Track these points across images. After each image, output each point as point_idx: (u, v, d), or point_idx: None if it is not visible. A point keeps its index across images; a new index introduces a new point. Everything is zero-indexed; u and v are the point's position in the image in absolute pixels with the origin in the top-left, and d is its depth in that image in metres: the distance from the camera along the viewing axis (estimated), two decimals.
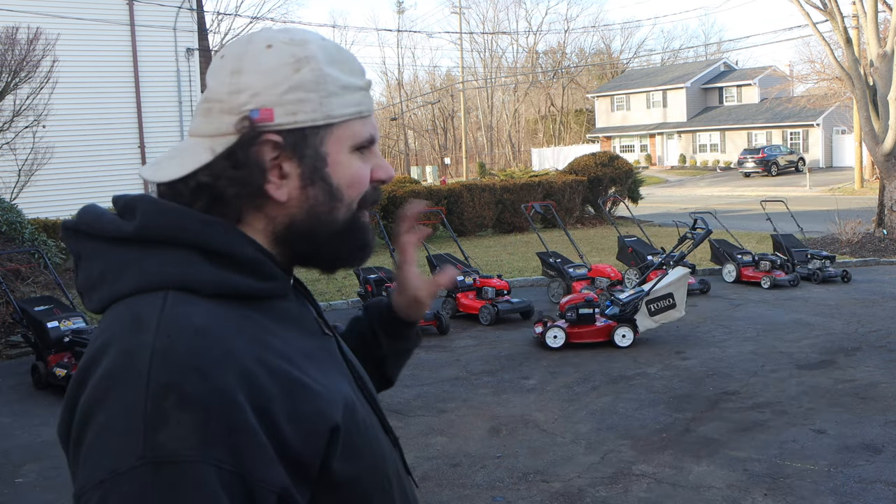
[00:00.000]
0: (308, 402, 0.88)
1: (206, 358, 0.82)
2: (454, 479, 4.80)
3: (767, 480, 4.65)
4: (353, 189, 1.00)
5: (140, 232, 0.91)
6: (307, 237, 0.98)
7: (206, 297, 0.90)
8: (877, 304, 9.83)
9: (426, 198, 17.24)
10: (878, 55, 15.56)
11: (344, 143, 0.98)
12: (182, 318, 0.85)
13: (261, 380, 0.85)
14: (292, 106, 0.94)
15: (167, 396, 0.79)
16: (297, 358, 0.92)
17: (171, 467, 0.78)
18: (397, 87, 65.69)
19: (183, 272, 0.90)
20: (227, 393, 0.81)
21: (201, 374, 0.81)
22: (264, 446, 0.82)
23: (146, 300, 0.88)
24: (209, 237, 0.92)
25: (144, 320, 0.85)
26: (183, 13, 17.05)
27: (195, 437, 0.79)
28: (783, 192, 29.47)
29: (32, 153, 12.40)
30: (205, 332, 0.85)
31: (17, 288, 9.27)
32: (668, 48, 69.09)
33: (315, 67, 0.96)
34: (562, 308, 8.05)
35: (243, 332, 0.89)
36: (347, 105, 0.98)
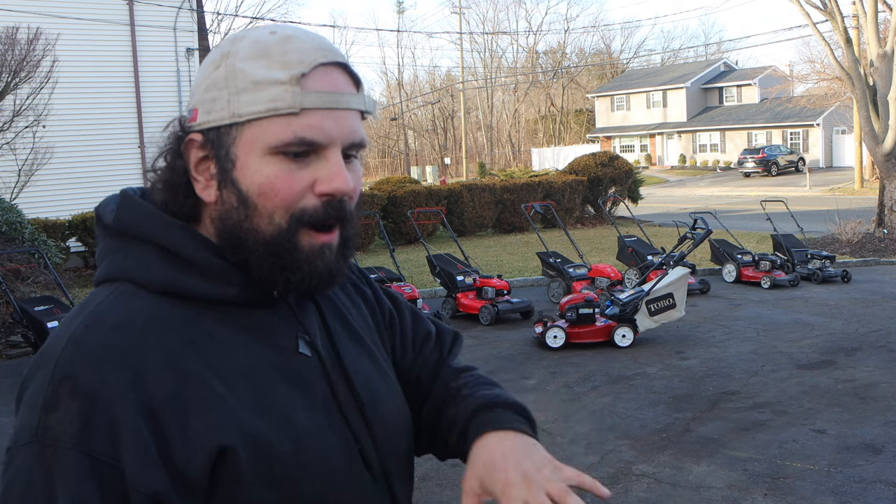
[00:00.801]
0: (205, 415, 0.86)
1: (107, 352, 0.85)
2: (454, 480, 4.80)
3: (767, 480, 4.65)
4: (265, 199, 0.91)
5: (114, 225, 0.96)
6: (236, 245, 0.93)
7: (155, 293, 0.91)
8: (877, 304, 9.83)
9: (426, 198, 17.24)
10: (878, 55, 15.56)
11: (255, 144, 0.90)
12: (107, 311, 0.89)
13: (163, 382, 0.85)
14: (208, 104, 0.93)
15: (64, 383, 0.83)
16: (227, 370, 0.90)
17: (51, 450, 0.82)
18: (397, 87, 65.74)
19: (135, 267, 0.93)
20: (116, 388, 0.83)
21: (97, 367, 0.83)
22: (145, 446, 0.82)
23: (103, 289, 0.93)
24: (165, 237, 0.93)
25: (84, 308, 0.91)
26: (183, 13, 17.04)
27: (76, 425, 0.82)
28: (783, 192, 29.48)
29: (32, 153, 12.40)
30: (121, 327, 0.87)
31: (17, 288, 9.28)
32: (668, 48, 69.17)
33: (230, 63, 0.92)
34: (562, 308, 8.05)
35: (173, 332, 0.89)
36: (258, 102, 0.90)
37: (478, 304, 9.35)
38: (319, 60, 0.92)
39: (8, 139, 11.81)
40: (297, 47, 0.91)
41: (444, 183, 23.53)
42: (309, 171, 0.91)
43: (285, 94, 0.89)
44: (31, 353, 7.67)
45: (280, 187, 0.91)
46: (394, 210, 16.66)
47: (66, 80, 13.36)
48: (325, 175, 0.92)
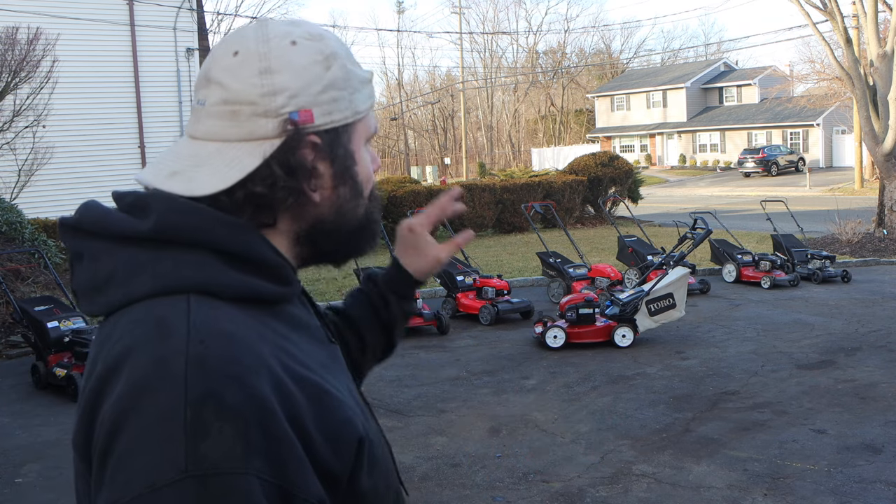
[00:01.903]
0: (335, 412, 0.86)
1: (241, 365, 0.79)
2: (454, 479, 4.80)
3: (767, 480, 4.65)
4: (369, 183, 1.01)
5: (156, 231, 0.86)
6: (331, 235, 0.97)
7: (226, 301, 0.86)
8: (877, 304, 9.83)
9: (426, 198, 17.24)
10: (878, 55, 15.56)
11: (362, 137, 0.99)
12: (213, 323, 0.81)
13: (290, 388, 0.82)
14: (328, 105, 0.93)
15: (206, 405, 0.75)
16: (315, 366, 0.89)
17: (216, 480, 0.74)
18: (397, 87, 65.73)
19: (204, 274, 0.86)
20: (264, 401, 0.78)
21: (239, 382, 0.77)
22: (302, 457, 0.80)
23: (167, 304, 0.83)
24: (229, 239, 0.88)
25: (172, 325, 0.81)
26: (183, 13, 17.04)
27: (237, 448, 0.75)
28: (783, 192, 29.48)
29: (32, 153, 12.40)
30: (237, 338, 0.81)
31: (17, 288, 9.27)
32: (668, 48, 69.17)
33: (342, 64, 0.95)
34: (562, 308, 8.05)
35: (266, 338, 0.85)
36: (366, 99, 0.98)
37: (478, 304, 9.35)
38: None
39: (8, 139, 11.81)
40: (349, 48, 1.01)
41: (444, 183, 23.54)
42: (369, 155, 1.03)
43: (373, 90, 1.01)
44: (31, 353, 7.66)
45: (371, 172, 1.02)
46: (394, 210, 16.66)
47: (66, 80, 13.35)
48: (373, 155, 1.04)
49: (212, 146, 0.91)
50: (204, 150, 0.91)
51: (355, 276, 9.94)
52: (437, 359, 7.71)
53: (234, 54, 0.92)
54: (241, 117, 0.90)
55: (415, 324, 8.69)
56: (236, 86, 0.90)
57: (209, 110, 0.92)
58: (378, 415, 6.06)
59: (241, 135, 0.90)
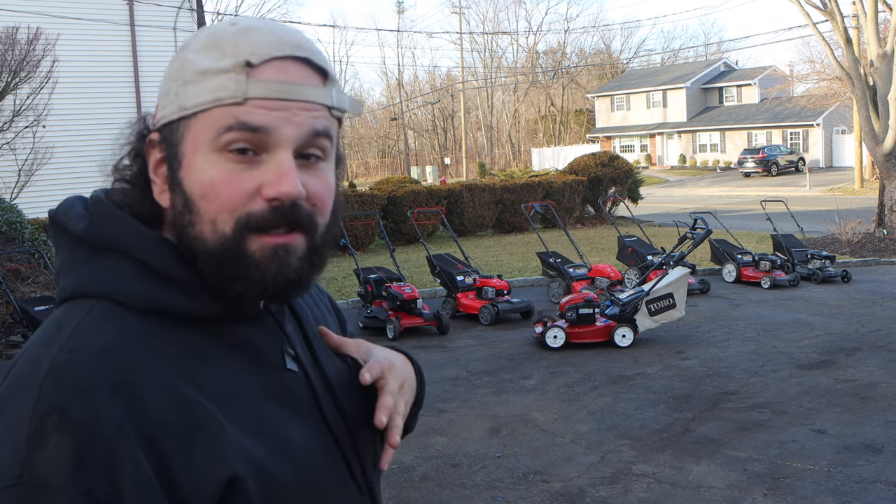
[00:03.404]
0: (210, 444, 0.80)
1: (96, 380, 0.76)
2: (454, 479, 4.80)
3: (767, 480, 4.65)
4: (207, 202, 0.83)
5: (84, 235, 0.87)
6: (191, 255, 0.86)
7: (136, 311, 0.83)
8: (877, 304, 9.83)
9: (426, 198, 17.24)
10: (878, 55, 15.56)
11: (200, 140, 0.83)
12: (91, 333, 0.80)
13: (160, 410, 0.78)
14: (162, 100, 0.87)
15: (50, 417, 0.74)
16: (221, 394, 0.84)
17: (41, 492, 0.73)
18: (397, 87, 65.74)
19: (114, 282, 0.84)
20: (111, 420, 0.75)
21: (89, 398, 0.75)
22: (147, 481, 0.76)
23: (76, 307, 0.84)
24: (143, 251, 0.85)
25: (60, 330, 0.81)
26: (183, 13, 17.05)
27: (69, 463, 0.73)
28: (783, 192, 29.48)
29: (32, 153, 12.40)
30: (109, 352, 0.78)
31: (17, 288, 9.28)
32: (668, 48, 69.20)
33: (181, 55, 0.86)
34: (562, 308, 8.05)
35: (164, 354, 0.81)
36: (202, 92, 0.83)
37: (478, 304, 9.35)
38: (273, 54, 0.83)
39: (8, 139, 11.81)
40: (253, 39, 0.84)
41: (444, 183, 23.53)
42: (257, 172, 0.83)
43: (229, 82, 0.82)
44: None
45: (222, 189, 0.82)
46: (394, 210, 16.66)
47: (66, 80, 13.36)
48: (272, 177, 0.83)
49: None
50: None
51: (356, 276, 9.94)
52: (437, 359, 7.71)
53: None
54: None
55: (415, 324, 8.69)
56: None
57: None
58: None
59: None
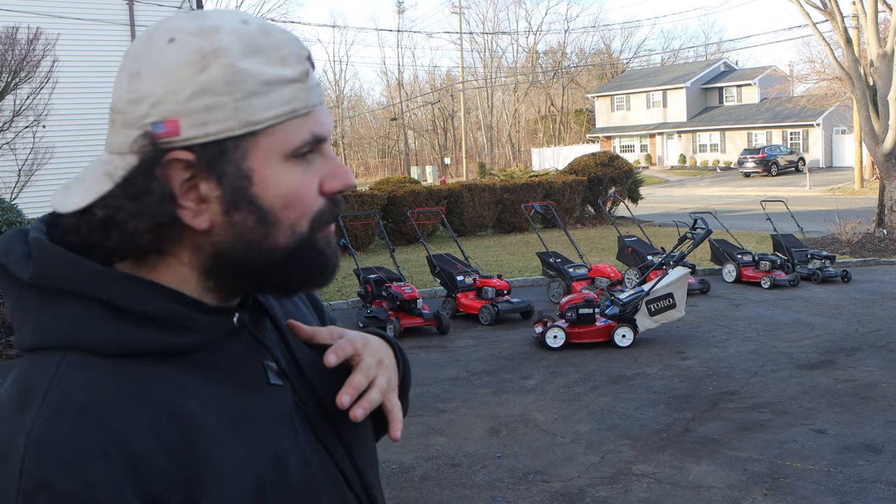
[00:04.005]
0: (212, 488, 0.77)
1: (81, 448, 0.71)
2: (454, 479, 4.80)
3: (767, 480, 4.65)
4: (292, 209, 0.82)
5: (34, 280, 0.78)
6: (239, 270, 0.83)
7: (105, 357, 0.77)
8: (877, 304, 9.83)
9: (426, 198, 17.24)
10: (878, 55, 15.56)
11: (274, 153, 0.81)
12: (65, 394, 0.74)
13: (156, 464, 0.73)
14: (200, 115, 0.77)
15: (38, 495, 0.69)
16: (211, 425, 0.79)
17: None
18: (397, 87, 65.75)
19: (78, 329, 0.77)
20: (105, 488, 0.70)
21: (75, 468, 0.70)
22: None
23: (41, 363, 0.77)
24: (107, 291, 0.78)
25: (31, 393, 0.75)
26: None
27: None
28: (783, 192, 29.48)
29: (32, 153, 12.39)
30: (88, 412, 0.73)
31: None
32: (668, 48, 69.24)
33: (226, 63, 0.78)
34: (562, 308, 8.05)
35: (146, 399, 0.76)
36: (274, 105, 0.80)
37: (478, 304, 9.35)
38: (304, 53, 0.84)
39: (8, 139, 11.81)
40: (282, 39, 0.82)
41: (444, 183, 23.54)
42: (313, 170, 0.84)
43: (299, 93, 0.81)
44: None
45: (304, 194, 0.83)
46: (394, 210, 16.66)
47: (66, 80, 13.35)
48: (331, 171, 0.85)
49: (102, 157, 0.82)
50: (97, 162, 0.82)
51: (356, 276, 9.94)
52: (437, 359, 7.71)
53: (125, 55, 0.82)
54: (115, 126, 0.80)
55: (415, 324, 8.69)
56: (115, 91, 0.81)
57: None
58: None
59: (117, 145, 0.80)
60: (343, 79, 68.40)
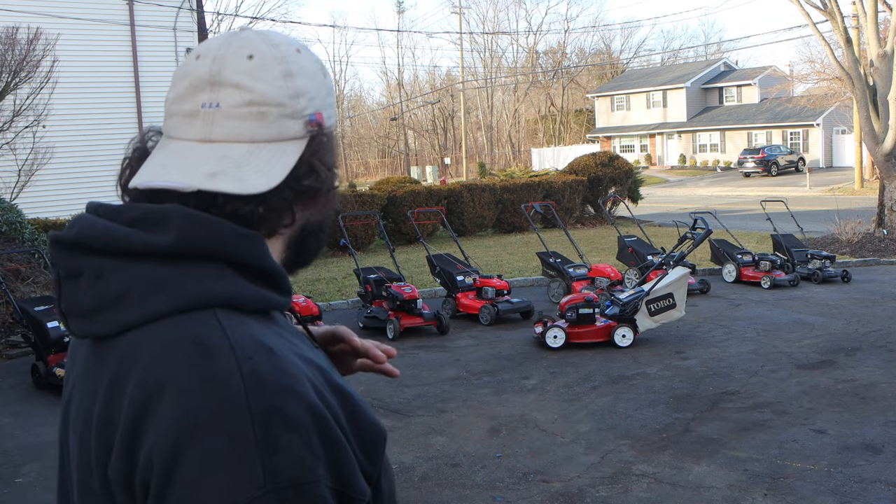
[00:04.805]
0: (363, 415, 0.88)
1: (291, 376, 0.80)
2: (454, 479, 4.80)
3: (767, 480, 4.65)
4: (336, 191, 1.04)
5: (178, 246, 0.83)
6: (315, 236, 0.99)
7: (248, 314, 0.85)
8: (877, 304, 9.83)
9: (426, 198, 17.24)
10: (878, 55, 15.56)
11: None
12: (252, 338, 0.81)
13: (326, 394, 0.83)
14: (330, 109, 0.97)
15: (272, 420, 0.76)
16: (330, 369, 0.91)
17: (292, 491, 0.76)
18: (397, 87, 65.71)
19: (226, 288, 0.84)
20: (319, 408, 0.80)
21: (294, 393, 0.79)
22: (353, 459, 0.82)
23: (196, 321, 0.81)
24: (246, 251, 0.86)
25: (211, 343, 0.79)
26: (183, 13, 17.05)
27: (307, 458, 0.77)
28: (783, 192, 29.48)
29: (32, 153, 12.39)
30: (276, 351, 0.82)
31: (17, 288, 9.27)
32: (668, 48, 69.19)
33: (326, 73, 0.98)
34: (562, 308, 8.05)
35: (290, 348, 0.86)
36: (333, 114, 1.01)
37: (478, 304, 9.35)
38: None
39: (8, 139, 11.81)
40: None
41: (444, 183, 23.53)
42: None
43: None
44: (31, 353, 7.66)
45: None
46: (394, 210, 16.66)
47: (66, 80, 13.36)
48: None
49: (241, 147, 0.88)
50: (233, 152, 0.88)
51: (356, 276, 9.94)
52: (437, 359, 7.71)
53: (248, 58, 0.89)
54: (269, 118, 0.89)
55: (415, 324, 8.69)
56: (261, 88, 0.89)
57: (229, 112, 0.88)
58: (378, 415, 6.04)
59: (270, 135, 0.89)
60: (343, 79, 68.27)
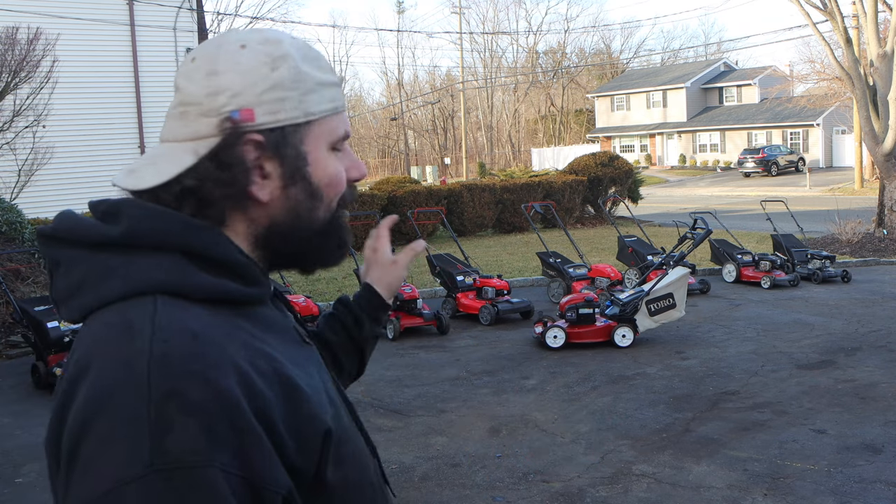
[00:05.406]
0: (303, 407, 0.88)
1: (205, 361, 0.81)
2: (454, 479, 4.80)
3: (767, 480, 4.65)
4: (332, 189, 1.00)
5: (126, 236, 0.89)
6: (288, 238, 0.98)
7: (195, 301, 0.88)
8: (877, 304, 9.83)
9: (426, 198, 17.23)
10: (878, 55, 15.56)
11: (322, 140, 0.99)
12: (177, 322, 0.84)
13: (257, 383, 0.83)
14: (272, 105, 0.94)
15: (170, 402, 0.77)
16: (287, 362, 0.91)
17: (179, 473, 0.76)
18: (397, 87, 65.70)
19: (172, 276, 0.88)
20: (230, 396, 0.80)
21: (203, 378, 0.79)
22: (268, 449, 0.82)
23: (135, 305, 0.85)
24: (197, 241, 0.90)
25: (137, 326, 0.83)
26: (183, 13, 17.04)
27: (201, 441, 0.77)
28: (783, 192, 29.48)
29: (32, 153, 12.39)
30: (201, 336, 0.83)
31: (17, 288, 9.27)
32: (668, 48, 69.17)
33: (292, 65, 0.96)
34: (562, 308, 8.05)
35: (235, 336, 0.87)
36: (324, 101, 0.99)
37: (478, 304, 9.35)
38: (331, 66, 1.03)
39: (8, 139, 11.81)
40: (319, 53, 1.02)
41: (444, 183, 23.53)
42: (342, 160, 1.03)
43: (339, 94, 1.02)
44: (31, 353, 7.66)
45: (341, 177, 1.02)
46: (394, 210, 16.65)
47: (66, 80, 13.35)
48: (353, 163, 1.05)
49: (166, 146, 0.96)
50: (159, 150, 0.96)
51: (355, 276, 9.93)
52: (437, 359, 7.71)
53: (192, 60, 0.97)
54: (189, 117, 0.94)
55: (415, 324, 8.69)
56: (189, 88, 0.95)
57: (169, 113, 0.97)
58: (378, 415, 6.06)
59: (188, 134, 0.94)
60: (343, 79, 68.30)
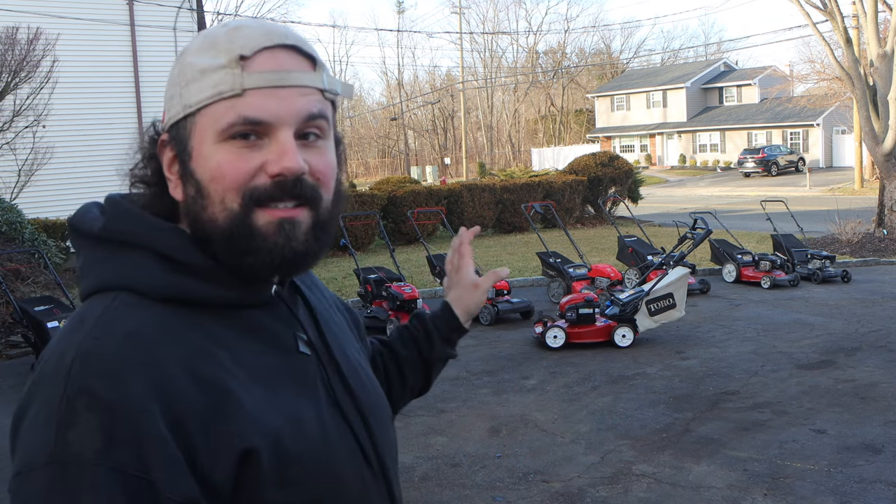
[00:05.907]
0: (229, 419, 0.86)
1: (124, 363, 0.82)
2: (454, 479, 4.80)
3: (767, 480, 4.65)
4: (216, 183, 0.91)
5: (103, 233, 0.94)
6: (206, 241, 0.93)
7: (157, 301, 0.89)
8: (877, 304, 9.83)
9: (426, 198, 17.23)
10: (878, 55, 15.55)
11: (206, 132, 0.91)
12: (115, 321, 0.86)
13: (183, 391, 0.83)
14: (167, 103, 0.96)
15: (80, 398, 0.80)
16: (239, 374, 0.89)
17: (74, 468, 0.78)
18: (397, 87, 65.70)
19: (134, 274, 0.90)
20: (137, 400, 0.80)
21: (115, 379, 0.81)
22: (173, 456, 0.81)
23: (98, 301, 0.90)
24: (160, 242, 0.92)
25: (85, 321, 0.87)
26: (183, 13, 17.04)
27: (99, 439, 0.79)
28: (783, 192, 29.48)
29: (32, 153, 12.39)
30: (133, 337, 0.84)
31: (17, 288, 9.27)
32: (668, 48, 69.18)
33: (181, 61, 0.94)
34: (562, 308, 8.05)
35: (184, 339, 0.87)
36: (203, 89, 0.90)
37: None
38: (263, 44, 0.91)
39: (8, 139, 11.81)
40: (244, 34, 0.91)
41: (444, 183, 23.53)
42: (261, 153, 0.91)
43: (226, 76, 0.89)
44: (31, 353, 7.66)
45: (228, 169, 0.90)
46: (394, 210, 16.66)
47: (66, 80, 13.35)
48: (274, 155, 0.90)
49: None
50: None
51: (356, 276, 9.93)
52: None
53: None
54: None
55: None
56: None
57: None
58: None
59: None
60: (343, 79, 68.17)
